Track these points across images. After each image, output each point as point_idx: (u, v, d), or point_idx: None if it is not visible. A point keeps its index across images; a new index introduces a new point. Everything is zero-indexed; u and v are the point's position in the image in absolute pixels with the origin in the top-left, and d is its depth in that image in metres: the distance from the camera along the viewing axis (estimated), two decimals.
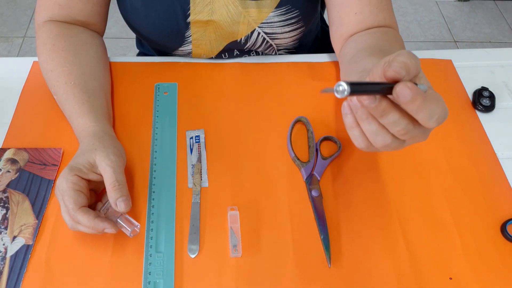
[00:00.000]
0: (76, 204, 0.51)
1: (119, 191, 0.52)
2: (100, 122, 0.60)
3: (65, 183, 0.51)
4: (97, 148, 0.55)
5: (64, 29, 0.68)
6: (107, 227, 0.51)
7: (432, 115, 0.38)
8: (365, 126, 0.41)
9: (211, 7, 0.68)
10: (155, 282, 0.52)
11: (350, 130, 0.43)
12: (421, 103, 0.37)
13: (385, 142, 0.41)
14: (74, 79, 0.62)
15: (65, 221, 0.53)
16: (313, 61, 0.77)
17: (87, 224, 0.51)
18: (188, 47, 0.74)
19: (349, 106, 0.41)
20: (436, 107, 0.38)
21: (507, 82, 0.76)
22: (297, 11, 0.69)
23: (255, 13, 0.68)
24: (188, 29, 0.70)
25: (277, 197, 0.60)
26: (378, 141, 0.41)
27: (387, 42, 0.62)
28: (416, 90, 0.37)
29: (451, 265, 0.55)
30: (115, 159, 0.54)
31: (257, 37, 0.72)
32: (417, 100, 0.37)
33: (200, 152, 0.64)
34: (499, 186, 0.62)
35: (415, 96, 0.36)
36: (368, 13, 0.65)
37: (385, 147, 0.42)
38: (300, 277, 0.53)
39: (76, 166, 0.53)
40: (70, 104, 0.61)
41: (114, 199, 0.52)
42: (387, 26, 0.67)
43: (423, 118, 0.38)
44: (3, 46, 1.95)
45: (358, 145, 0.44)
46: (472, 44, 2.06)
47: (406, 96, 0.37)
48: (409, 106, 0.38)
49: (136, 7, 0.69)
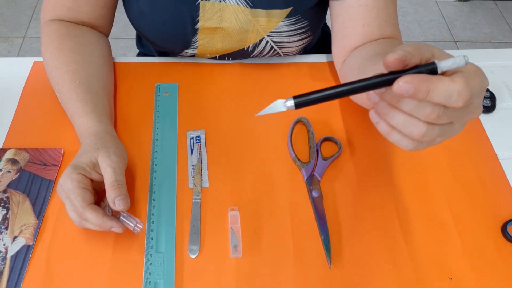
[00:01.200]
0: (84, 201, 0.51)
1: (118, 190, 0.52)
2: (103, 122, 0.60)
3: (70, 182, 0.51)
4: (99, 148, 0.55)
5: (71, 29, 0.68)
6: (114, 226, 0.52)
7: (449, 95, 0.34)
8: (394, 121, 0.38)
9: (220, 14, 0.68)
10: (155, 282, 0.52)
11: (388, 135, 0.40)
12: (425, 88, 0.34)
13: (420, 131, 0.37)
14: (78, 79, 0.63)
15: (72, 219, 0.52)
16: (313, 61, 0.77)
17: (95, 222, 0.51)
18: (193, 51, 0.74)
19: (376, 113, 0.39)
20: (449, 84, 0.34)
21: (507, 82, 0.76)
22: (306, 21, 0.69)
23: (264, 22, 0.68)
24: (195, 35, 0.70)
25: (277, 197, 0.60)
26: (415, 133, 0.38)
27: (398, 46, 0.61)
28: (412, 79, 0.34)
29: (451, 265, 0.55)
30: (117, 159, 0.54)
31: (265, 46, 0.72)
32: (418, 87, 0.34)
33: (201, 153, 0.64)
34: (500, 186, 0.62)
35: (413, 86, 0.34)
36: (376, 26, 0.64)
37: (426, 136, 0.38)
38: (301, 277, 0.53)
39: (80, 165, 0.53)
40: (73, 103, 0.61)
41: (113, 198, 0.52)
42: (393, 38, 0.66)
43: (441, 101, 0.35)
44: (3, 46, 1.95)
45: (404, 147, 0.40)
46: (472, 44, 2.06)
47: (402, 91, 0.35)
48: (416, 96, 0.35)
49: (143, 11, 0.68)
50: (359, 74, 0.56)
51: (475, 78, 0.36)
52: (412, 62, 0.36)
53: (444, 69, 0.36)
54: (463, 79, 0.35)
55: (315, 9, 0.69)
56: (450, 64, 0.35)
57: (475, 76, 0.36)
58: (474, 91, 0.35)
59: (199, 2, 0.66)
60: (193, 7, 0.67)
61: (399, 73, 0.36)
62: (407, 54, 0.35)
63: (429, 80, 0.35)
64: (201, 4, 0.66)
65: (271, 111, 0.39)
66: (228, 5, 0.67)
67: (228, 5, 0.67)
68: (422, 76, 0.35)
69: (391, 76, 0.36)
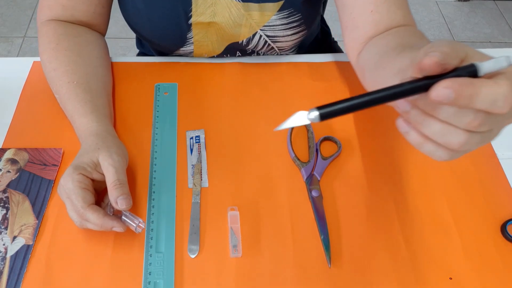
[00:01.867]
0: (85, 202, 0.51)
1: (120, 189, 0.52)
2: (103, 122, 0.60)
3: (71, 182, 0.51)
4: (100, 147, 0.55)
5: (69, 28, 0.68)
6: (116, 225, 0.51)
7: (494, 100, 0.31)
8: (428, 131, 0.34)
9: (213, 9, 0.68)
10: (155, 282, 0.52)
11: (420, 146, 0.36)
12: (469, 93, 0.30)
13: (461, 141, 0.33)
14: (77, 79, 0.62)
15: (73, 219, 0.52)
16: (313, 61, 0.77)
17: (96, 222, 0.51)
18: (190, 48, 0.74)
19: (406, 122, 0.35)
20: (496, 87, 0.31)
21: None
22: (299, 15, 0.69)
23: (257, 16, 0.68)
24: (190, 31, 0.70)
25: (277, 197, 0.60)
26: (453, 143, 0.33)
27: (415, 38, 0.55)
28: (453, 84, 0.30)
29: (451, 265, 0.55)
30: (118, 158, 0.54)
31: (258, 40, 0.72)
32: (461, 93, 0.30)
33: (200, 152, 0.64)
34: (499, 186, 0.62)
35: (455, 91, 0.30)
36: (385, 11, 0.59)
37: (467, 145, 0.34)
38: (300, 277, 0.53)
39: (81, 165, 0.53)
40: (72, 103, 0.61)
41: (115, 197, 0.52)
42: (406, 25, 0.60)
43: (485, 107, 0.31)
44: (3, 46, 1.95)
45: (440, 158, 0.36)
46: (472, 44, 2.06)
47: (442, 97, 0.31)
48: (457, 102, 0.31)
49: (138, 8, 0.69)
50: (377, 71, 0.52)
51: None
52: (451, 64, 0.32)
53: (486, 71, 0.32)
54: (508, 81, 0.31)
55: (308, 2, 0.69)
56: (492, 66, 0.32)
57: None
58: None
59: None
60: (186, 2, 0.67)
61: (435, 78, 0.32)
62: (445, 56, 0.31)
63: (472, 84, 0.31)
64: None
65: (293, 124, 0.35)
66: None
67: (220, 0, 0.67)
68: (464, 80, 0.31)
69: (427, 81, 0.32)
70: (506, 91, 0.31)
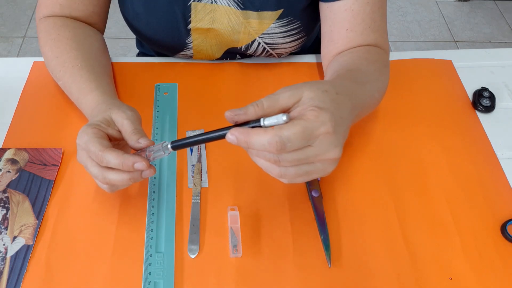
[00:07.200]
0: (102, 145, 0.49)
1: (139, 134, 0.51)
2: (108, 95, 0.59)
3: (86, 135, 0.50)
4: (111, 107, 0.54)
5: (68, 21, 0.68)
6: (137, 161, 0.48)
7: (263, 144, 0.41)
8: (257, 163, 0.46)
9: (212, 16, 0.68)
10: (155, 282, 0.52)
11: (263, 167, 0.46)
12: (243, 139, 0.42)
13: (277, 172, 0.44)
14: (80, 62, 0.62)
15: (94, 175, 0.50)
16: (313, 61, 0.78)
17: (116, 161, 0.48)
18: (189, 52, 0.74)
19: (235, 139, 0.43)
20: (262, 135, 0.41)
21: (507, 82, 0.76)
22: (298, 23, 0.69)
23: (256, 24, 0.68)
24: (189, 36, 0.70)
25: (277, 197, 0.60)
26: (273, 173, 0.45)
27: (364, 61, 0.61)
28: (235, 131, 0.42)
29: (451, 265, 0.55)
30: (131, 113, 0.53)
31: (257, 47, 0.72)
32: (239, 138, 0.42)
33: (200, 152, 0.64)
34: (499, 186, 0.62)
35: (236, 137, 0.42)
36: (359, 32, 0.64)
37: (286, 176, 0.44)
38: (300, 277, 0.53)
39: (94, 123, 0.52)
40: (77, 85, 0.61)
41: (135, 140, 0.51)
42: (376, 46, 0.65)
43: (260, 149, 0.42)
44: (3, 46, 1.95)
45: (284, 181, 0.46)
46: (472, 44, 2.06)
47: (230, 141, 0.43)
48: (241, 145, 0.43)
49: (137, 12, 0.69)
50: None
51: (292, 128, 0.41)
52: (240, 119, 0.44)
53: (268, 125, 0.42)
54: (275, 130, 0.41)
55: (307, 10, 0.69)
56: (273, 122, 0.42)
57: (294, 126, 0.41)
58: (287, 137, 0.40)
59: (190, 3, 0.66)
60: (185, 8, 0.67)
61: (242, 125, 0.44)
62: (233, 115, 0.44)
63: (247, 133, 0.42)
64: (193, 5, 0.66)
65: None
66: (219, 6, 0.67)
67: (219, 7, 0.67)
68: (243, 129, 0.42)
69: (227, 130, 0.44)
70: (270, 138, 0.40)
